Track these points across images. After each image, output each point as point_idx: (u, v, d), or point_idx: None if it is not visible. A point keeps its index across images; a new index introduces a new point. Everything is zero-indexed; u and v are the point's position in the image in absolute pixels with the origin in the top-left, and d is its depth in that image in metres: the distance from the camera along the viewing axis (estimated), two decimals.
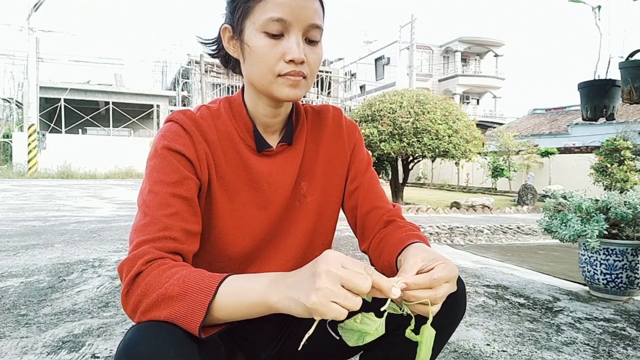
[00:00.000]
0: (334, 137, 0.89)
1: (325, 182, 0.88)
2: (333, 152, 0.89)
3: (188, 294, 0.57)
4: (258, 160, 0.81)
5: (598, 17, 2.03)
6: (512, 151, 12.58)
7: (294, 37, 0.70)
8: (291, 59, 0.69)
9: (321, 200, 0.88)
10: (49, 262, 2.78)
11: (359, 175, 0.90)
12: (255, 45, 0.71)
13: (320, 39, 0.75)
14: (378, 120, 7.36)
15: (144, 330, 0.56)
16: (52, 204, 6.70)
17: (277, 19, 0.68)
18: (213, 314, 0.57)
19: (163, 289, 0.58)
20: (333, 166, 0.89)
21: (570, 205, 2.27)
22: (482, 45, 28.57)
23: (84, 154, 16.69)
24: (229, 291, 0.57)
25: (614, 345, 1.62)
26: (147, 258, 0.61)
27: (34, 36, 15.65)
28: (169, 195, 0.69)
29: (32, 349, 1.47)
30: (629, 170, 8.11)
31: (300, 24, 0.70)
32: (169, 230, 0.66)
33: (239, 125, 0.80)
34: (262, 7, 0.70)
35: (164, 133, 0.75)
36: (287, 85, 0.72)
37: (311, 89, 12.07)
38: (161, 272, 0.60)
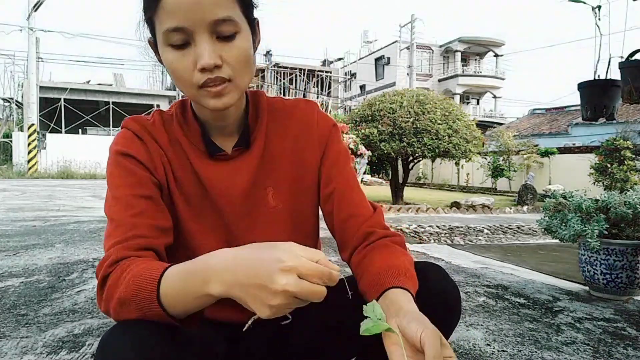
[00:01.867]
0: (302, 136, 0.82)
1: (295, 187, 0.82)
2: (301, 152, 0.81)
3: (137, 297, 0.56)
4: (208, 165, 0.77)
5: (598, 17, 2.03)
6: (512, 151, 12.58)
7: (200, 43, 0.63)
8: (202, 68, 0.63)
9: (293, 206, 0.82)
10: (49, 262, 2.78)
11: (334, 178, 0.82)
12: (166, 61, 0.66)
13: (238, 30, 0.65)
14: (378, 120, 7.35)
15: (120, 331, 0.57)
16: (52, 204, 6.70)
17: (174, 29, 0.62)
18: (170, 312, 0.56)
19: (119, 294, 0.58)
20: (302, 168, 0.82)
21: (570, 205, 2.27)
22: (482, 45, 28.57)
23: (84, 154, 16.68)
24: (172, 286, 0.56)
25: (614, 345, 1.62)
26: (110, 260, 0.62)
27: (34, 36, 15.64)
28: (131, 197, 0.69)
29: (32, 349, 1.47)
30: (629, 170, 8.11)
31: (201, 26, 0.62)
32: (136, 229, 0.66)
33: (190, 129, 0.77)
34: (159, 19, 0.64)
35: (116, 140, 0.75)
36: (210, 96, 0.66)
37: (311, 89, 12.01)
38: (119, 275, 0.60)
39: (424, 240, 4.20)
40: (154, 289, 0.55)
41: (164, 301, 0.55)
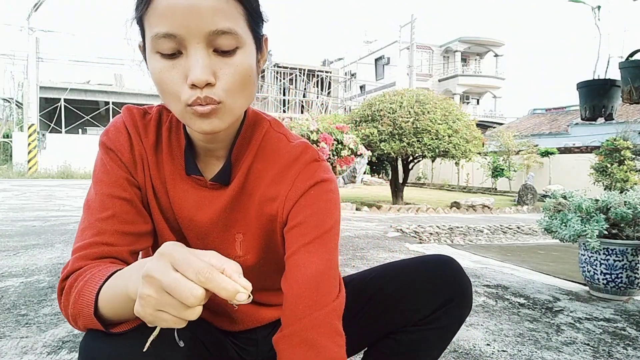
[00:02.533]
0: (276, 188, 0.70)
1: (266, 239, 0.73)
2: (270, 205, 0.71)
3: (80, 310, 0.56)
4: (180, 185, 0.71)
5: (598, 17, 2.03)
6: (512, 151, 12.58)
7: (193, 54, 0.55)
8: (192, 83, 0.54)
9: (262, 260, 0.75)
10: (49, 262, 2.78)
11: (293, 243, 0.66)
12: (152, 69, 0.57)
13: (240, 45, 0.57)
14: (378, 120, 7.36)
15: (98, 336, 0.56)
16: (52, 203, 6.70)
17: (165, 35, 0.54)
18: (108, 317, 0.55)
19: (70, 310, 0.58)
20: (269, 224, 0.72)
21: (570, 205, 2.27)
22: (482, 45, 28.56)
23: (84, 154, 16.67)
24: (106, 294, 0.54)
25: (614, 345, 1.62)
26: (65, 273, 0.61)
27: (34, 36, 15.64)
28: (107, 196, 0.66)
29: (32, 349, 1.47)
30: (629, 170, 8.12)
31: (197, 36, 0.54)
32: (101, 235, 0.64)
33: (176, 140, 0.71)
34: (149, 22, 0.55)
35: (108, 128, 0.71)
36: (197, 117, 0.57)
37: (311, 89, 11.96)
38: (68, 289, 0.59)
39: (424, 240, 4.20)
40: (92, 301, 0.54)
41: (101, 308, 0.54)
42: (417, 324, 0.78)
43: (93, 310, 0.53)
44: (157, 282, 0.42)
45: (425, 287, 0.77)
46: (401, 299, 0.78)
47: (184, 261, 0.42)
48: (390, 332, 0.80)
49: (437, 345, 0.80)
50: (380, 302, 0.79)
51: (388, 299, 0.79)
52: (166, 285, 0.42)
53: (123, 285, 0.50)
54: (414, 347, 0.79)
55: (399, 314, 0.78)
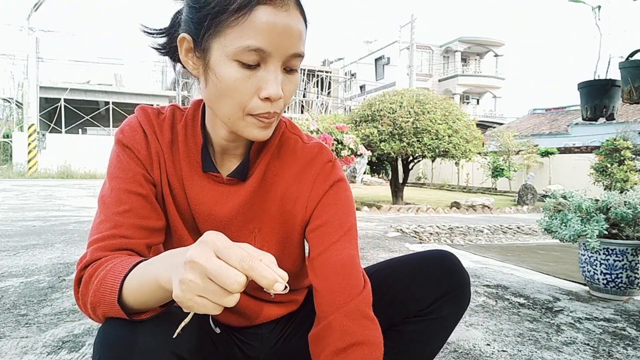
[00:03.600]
0: (296, 186, 0.75)
1: (283, 235, 0.77)
2: (290, 202, 0.75)
3: (103, 297, 0.57)
4: (198, 181, 0.73)
5: (598, 17, 2.03)
6: (512, 151, 12.58)
7: (272, 69, 0.59)
8: (267, 97, 0.59)
9: (279, 254, 0.77)
10: (49, 262, 2.78)
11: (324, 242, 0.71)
12: (224, 75, 0.59)
13: (299, 66, 0.64)
14: (378, 120, 7.36)
15: (116, 320, 0.57)
16: (52, 203, 6.70)
17: (256, 49, 0.57)
18: (131, 306, 0.56)
19: (90, 298, 0.59)
20: (288, 220, 0.76)
21: (570, 205, 2.27)
22: (482, 45, 28.56)
23: (84, 154, 16.68)
24: (132, 282, 0.55)
25: (614, 345, 1.62)
26: (84, 263, 0.62)
27: (34, 36, 15.64)
28: (123, 192, 0.68)
29: (32, 349, 1.47)
30: (629, 170, 8.12)
31: (281, 55, 0.59)
32: (119, 227, 0.65)
33: (193, 137, 0.73)
34: (238, 31, 0.57)
35: (123, 127, 0.73)
36: (257, 127, 0.62)
37: (311, 89, 12.06)
38: (88, 278, 0.60)
39: (424, 240, 4.20)
40: (116, 290, 0.55)
41: (125, 296, 0.55)
42: (419, 315, 0.80)
43: (117, 298, 0.55)
44: (201, 267, 0.43)
45: (425, 279, 0.80)
46: (402, 290, 0.80)
47: (227, 249, 0.44)
48: (393, 324, 0.82)
49: (438, 335, 0.82)
50: (382, 295, 0.81)
51: (389, 292, 0.81)
52: (210, 271, 0.43)
53: (154, 274, 0.51)
54: (416, 337, 0.81)
55: (400, 305, 0.80)
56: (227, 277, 0.43)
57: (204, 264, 0.43)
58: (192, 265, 0.44)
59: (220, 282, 0.43)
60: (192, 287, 0.44)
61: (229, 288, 0.43)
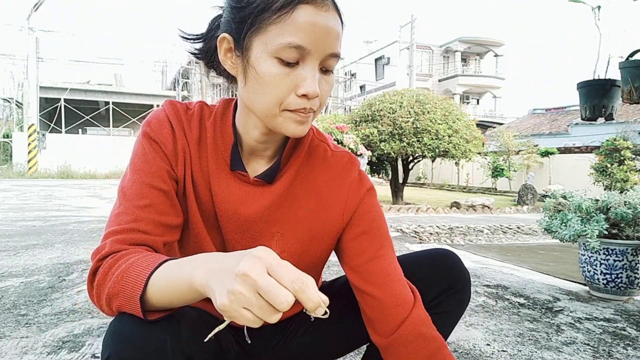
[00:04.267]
0: (329, 193, 0.76)
1: (307, 242, 0.76)
2: (323, 210, 0.76)
3: (123, 291, 0.56)
4: (224, 180, 0.73)
5: (598, 17, 2.03)
6: (512, 151, 12.58)
7: (310, 68, 0.61)
8: (304, 94, 0.61)
9: (299, 261, 0.76)
10: (49, 262, 2.78)
11: (368, 248, 0.74)
12: (265, 71, 0.61)
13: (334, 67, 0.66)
14: (378, 120, 7.36)
15: (127, 314, 0.57)
16: (52, 203, 6.70)
17: (296, 46, 0.59)
18: (153, 304, 0.55)
19: (107, 289, 0.58)
20: (318, 227, 0.76)
21: (570, 205, 2.27)
22: (482, 45, 28.56)
23: (84, 154, 16.68)
24: (160, 280, 0.54)
25: (614, 345, 1.62)
26: (102, 254, 0.61)
27: (34, 36, 15.65)
28: (146, 186, 0.67)
29: (32, 349, 1.47)
30: (629, 170, 8.12)
31: (320, 53, 0.61)
32: (138, 222, 0.65)
33: (222, 136, 0.73)
34: (280, 29, 0.59)
35: (150, 120, 0.73)
36: (295, 122, 0.64)
37: None
38: (107, 269, 0.59)
39: (424, 240, 4.20)
40: (141, 285, 0.54)
41: (150, 293, 0.55)
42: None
43: (140, 293, 0.54)
44: (252, 282, 0.44)
45: (426, 275, 0.81)
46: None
47: (280, 268, 0.45)
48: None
49: (442, 329, 0.82)
50: None
51: None
52: (262, 287, 0.44)
53: (187, 275, 0.51)
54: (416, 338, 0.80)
55: None
56: (277, 296, 0.43)
57: (257, 279, 0.44)
58: (244, 279, 0.44)
59: (270, 299, 0.43)
60: (241, 299, 0.44)
61: (278, 307, 0.43)
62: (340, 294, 0.85)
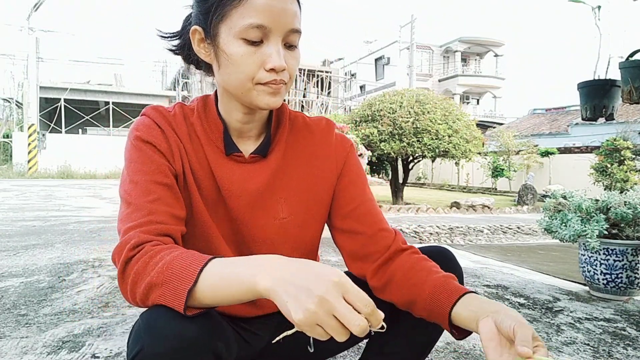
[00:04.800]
0: (321, 154, 0.84)
1: (307, 203, 0.83)
2: (316, 169, 0.84)
3: (170, 282, 0.56)
4: (223, 164, 0.78)
5: (598, 17, 2.03)
6: (512, 151, 12.58)
7: (273, 44, 0.67)
8: (272, 68, 0.67)
9: (302, 222, 0.83)
10: (49, 262, 2.78)
11: (356, 197, 0.84)
12: (233, 52, 0.67)
13: (298, 43, 0.72)
14: (378, 120, 7.36)
15: (162, 308, 0.57)
16: (52, 203, 6.70)
17: (257, 26, 0.65)
18: (198, 299, 0.56)
19: (148, 279, 0.58)
20: (316, 184, 0.84)
21: (570, 205, 2.27)
22: (482, 45, 28.56)
23: (84, 154, 16.68)
24: (213, 276, 0.55)
25: (614, 345, 1.62)
26: (133, 243, 0.62)
27: (34, 36, 15.65)
28: (150, 183, 0.69)
29: (32, 349, 1.47)
30: (629, 170, 8.12)
31: (280, 30, 0.67)
32: (154, 214, 0.66)
33: (210, 125, 0.78)
34: (240, 12, 0.66)
35: (137, 126, 0.75)
36: (268, 94, 0.69)
37: (311, 89, 12.14)
38: (148, 259, 0.59)
39: (423, 240, 4.20)
40: (192, 278, 0.55)
41: (200, 287, 0.55)
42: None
43: (190, 287, 0.55)
44: (330, 306, 0.48)
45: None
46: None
47: (354, 293, 0.50)
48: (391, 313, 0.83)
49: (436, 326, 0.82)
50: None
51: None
52: (338, 312, 0.48)
53: (248, 278, 0.53)
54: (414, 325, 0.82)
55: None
56: (352, 320, 0.48)
57: (335, 304, 0.48)
58: (323, 302, 0.48)
59: (345, 322, 0.48)
60: (316, 318, 0.48)
61: (352, 330, 0.48)
62: None
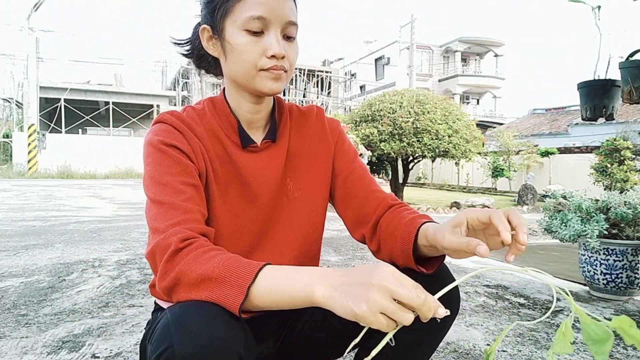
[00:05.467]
0: (317, 134, 0.93)
1: (311, 178, 0.91)
2: (317, 148, 0.92)
3: (229, 277, 0.58)
4: (243, 155, 0.83)
5: (598, 17, 2.03)
6: (512, 151, 12.58)
7: (273, 34, 0.75)
8: (272, 54, 0.74)
9: (308, 195, 0.90)
10: (49, 262, 2.78)
11: (348, 164, 0.93)
12: (237, 42, 0.75)
13: (296, 36, 0.79)
14: (378, 120, 7.36)
15: (192, 306, 0.58)
16: (52, 204, 6.70)
17: (258, 17, 0.73)
18: (252, 300, 0.58)
19: (203, 270, 0.59)
20: (318, 161, 0.91)
21: (570, 205, 2.27)
22: (482, 45, 28.56)
23: (84, 154, 16.68)
24: (269, 279, 0.58)
25: (614, 345, 1.62)
26: (182, 236, 0.63)
27: (34, 36, 15.65)
28: (180, 183, 0.72)
29: (32, 349, 1.47)
30: (629, 170, 8.11)
31: (278, 22, 0.75)
32: (190, 213, 0.69)
33: (224, 122, 0.83)
34: (242, 7, 0.74)
35: (156, 131, 0.77)
36: (270, 79, 0.76)
37: (311, 89, 12.19)
38: (200, 253, 0.61)
39: None
40: (251, 276, 0.57)
41: (256, 287, 0.57)
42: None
43: (250, 283, 0.57)
44: (389, 290, 0.52)
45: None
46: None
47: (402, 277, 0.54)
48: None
49: (427, 344, 0.81)
50: None
51: None
52: (396, 293, 0.52)
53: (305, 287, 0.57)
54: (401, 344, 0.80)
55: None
56: (411, 297, 0.51)
57: (393, 287, 0.51)
58: (381, 288, 0.52)
59: (406, 300, 0.51)
60: (378, 305, 0.51)
61: (413, 304, 0.51)
62: None
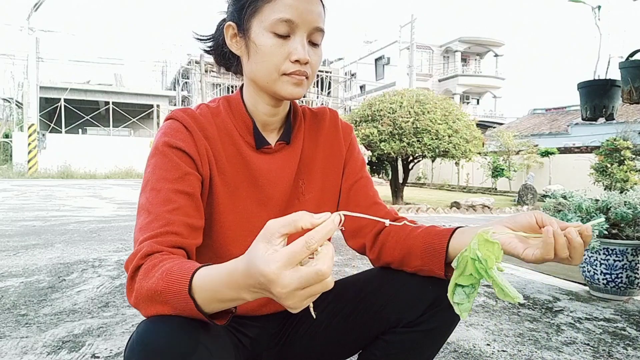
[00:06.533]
0: (331, 138, 0.92)
1: (323, 181, 0.90)
2: (329, 151, 0.91)
3: (170, 286, 0.55)
4: (257, 157, 0.82)
5: (598, 17, 2.03)
6: (512, 151, 12.59)
7: (299, 39, 0.73)
8: (297, 59, 0.72)
9: (319, 197, 0.89)
10: (49, 262, 2.78)
11: (356, 172, 0.92)
12: (263, 43, 0.73)
13: (321, 43, 0.78)
14: (378, 120, 7.36)
15: (157, 322, 0.57)
16: (52, 203, 6.70)
17: (286, 20, 0.71)
18: (201, 304, 0.55)
19: (150, 284, 0.57)
20: (330, 165, 0.91)
21: (570, 205, 2.27)
22: (482, 45, 28.56)
23: (84, 154, 16.68)
24: (206, 283, 0.54)
25: (614, 345, 1.62)
26: (143, 253, 0.62)
27: (34, 36, 15.66)
28: (171, 192, 0.70)
29: (32, 349, 1.47)
30: (629, 170, 8.11)
31: (306, 27, 0.73)
32: (171, 225, 0.67)
33: (238, 122, 0.82)
34: (271, 8, 0.72)
35: (165, 130, 0.76)
36: (292, 84, 0.75)
37: (311, 89, 12.19)
38: (150, 267, 0.59)
39: None
40: (186, 282, 0.54)
41: (197, 297, 0.54)
42: (406, 326, 0.79)
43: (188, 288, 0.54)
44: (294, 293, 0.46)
45: (411, 289, 0.80)
46: (389, 301, 0.81)
47: (294, 246, 0.48)
48: (382, 333, 0.82)
49: (428, 347, 0.82)
50: (369, 305, 0.82)
51: (377, 302, 0.82)
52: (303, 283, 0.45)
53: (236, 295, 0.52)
54: (404, 348, 0.81)
55: (387, 316, 0.80)
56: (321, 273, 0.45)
57: (292, 282, 0.46)
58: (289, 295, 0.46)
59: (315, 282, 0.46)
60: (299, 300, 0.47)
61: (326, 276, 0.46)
62: (343, 297, 0.86)
